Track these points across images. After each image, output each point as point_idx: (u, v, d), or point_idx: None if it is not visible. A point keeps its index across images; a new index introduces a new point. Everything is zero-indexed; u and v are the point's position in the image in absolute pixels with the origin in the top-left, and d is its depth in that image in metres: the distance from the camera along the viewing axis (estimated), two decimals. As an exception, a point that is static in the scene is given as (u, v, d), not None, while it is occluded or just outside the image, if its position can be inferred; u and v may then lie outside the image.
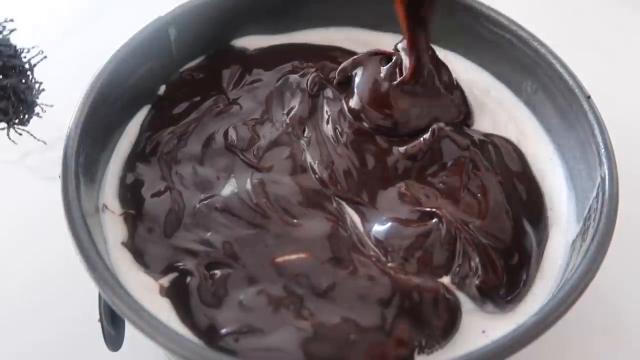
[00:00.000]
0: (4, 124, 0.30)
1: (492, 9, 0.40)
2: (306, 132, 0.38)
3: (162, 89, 0.40)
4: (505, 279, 0.33)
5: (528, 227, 0.35)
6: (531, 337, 0.28)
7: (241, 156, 0.36)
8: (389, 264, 0.32)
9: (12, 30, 0.30)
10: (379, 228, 0.34)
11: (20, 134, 0.31)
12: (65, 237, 0.30)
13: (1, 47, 0.29)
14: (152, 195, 0.35)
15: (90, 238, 0.30)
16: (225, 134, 0.37)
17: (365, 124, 0.38)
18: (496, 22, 0.39)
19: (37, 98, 0.31)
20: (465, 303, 0.32)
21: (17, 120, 0.30)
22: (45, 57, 0.31)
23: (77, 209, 0.30)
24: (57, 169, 0.32)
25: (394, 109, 0.37)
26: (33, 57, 0.30)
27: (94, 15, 0.56)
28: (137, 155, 0.37)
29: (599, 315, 0.40)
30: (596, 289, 0.30)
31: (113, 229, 0.34)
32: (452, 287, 0.32)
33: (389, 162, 0.36)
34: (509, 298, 0.32)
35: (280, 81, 0.40)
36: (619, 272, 0.38)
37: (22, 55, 0.30)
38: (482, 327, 0.32)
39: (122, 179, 0.36)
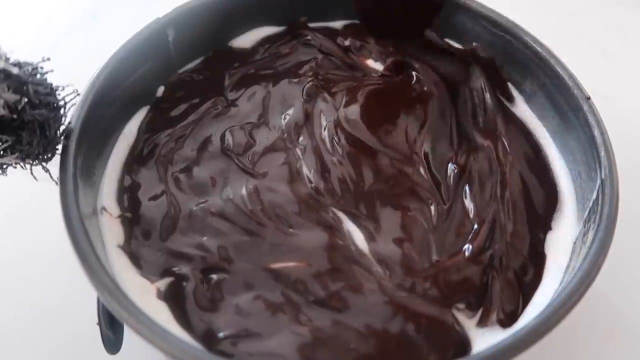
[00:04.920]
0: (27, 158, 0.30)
1: (491, 10, 0.40)
2: (302, 139, 0.37)
3: (161, 90, 0.40)
4: (521, 303, 0.32)
5: (542, 236, 0.35)
6: (533, 339, 0.27)
7: (236, 161, 0.36)
8: (393, 283, 0.32)
9: (47, 72, 0.30)
10: (387, 248, 0.33)
11: (47, 171, 0.31)
12: (64, 240, 0.29)
13: (38, 87, 0.29)
14: (149, 199, 0.35)
15: (88, 241, 0.30)
16: (222, 137, 0.37)
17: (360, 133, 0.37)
18: (495, 23, 0.39)
19: (63, 136, 0.31)
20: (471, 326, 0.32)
21: (39, 155, 0.30)
22: (78, 94, 0.31)
23: (75, 211, 0.30)
24: (55, 171, 0.31)
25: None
26: (67, 95, 0.31)
27: (92, 16, 0.56)
28: (135, 158, 0.37)
29: (601, 316, 0.40)
30: (597, 291, 0.30)
31: (111, 232, 0.34)
32: (463, 317, 0.31)
33: (387, 177, 0.36)
34: (518, 317, 0.32)
35: (278, 85, 0.40)
36: (620, 273, 0.37)
37: (57, 92, 0.30)
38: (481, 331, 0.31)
39: (120, 182, 0.36)
